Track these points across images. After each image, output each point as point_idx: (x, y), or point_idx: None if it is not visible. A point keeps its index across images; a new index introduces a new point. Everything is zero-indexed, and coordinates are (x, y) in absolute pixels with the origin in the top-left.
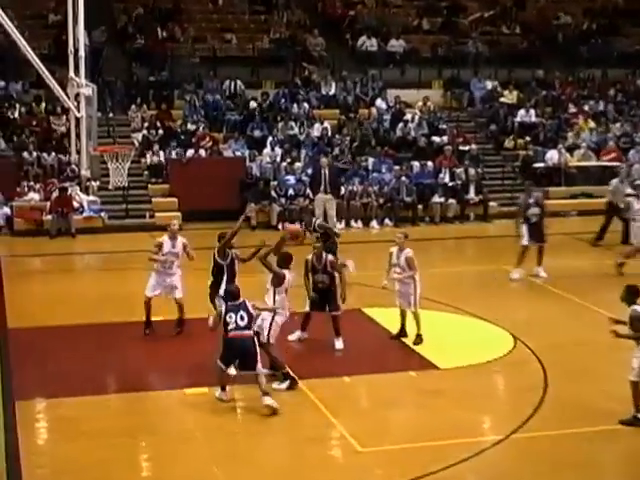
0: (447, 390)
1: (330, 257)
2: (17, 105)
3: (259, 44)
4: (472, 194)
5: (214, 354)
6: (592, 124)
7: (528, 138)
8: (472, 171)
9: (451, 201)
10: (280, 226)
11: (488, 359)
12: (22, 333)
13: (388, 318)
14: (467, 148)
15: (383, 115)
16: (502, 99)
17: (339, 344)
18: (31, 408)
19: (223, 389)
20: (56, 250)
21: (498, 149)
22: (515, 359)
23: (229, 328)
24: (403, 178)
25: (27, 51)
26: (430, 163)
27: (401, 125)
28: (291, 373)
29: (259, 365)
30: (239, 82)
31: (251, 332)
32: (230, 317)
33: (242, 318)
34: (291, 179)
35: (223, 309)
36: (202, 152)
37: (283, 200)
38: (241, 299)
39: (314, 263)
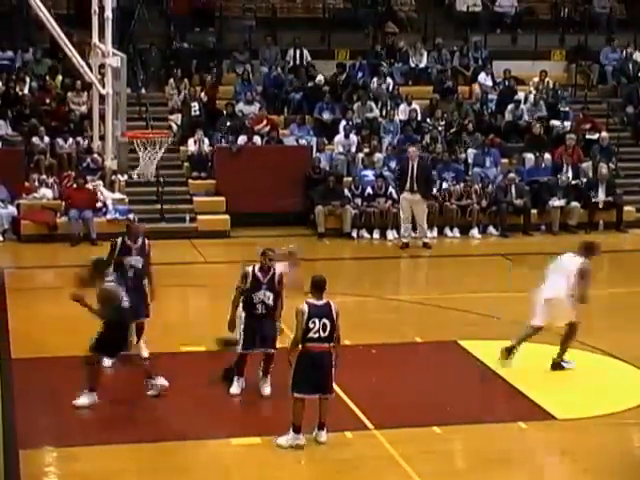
0: (568, 448)
1: (280, 267)
2: (27, 79)
3: (331, 3)
4: (602, 196)
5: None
6: None
7: None
8: (602, 166)
9: (574, 204)
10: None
11: (620, 409)
12: (29, 365)
13: (490, 353)
14: (596, 137)
15: (488, 94)
16: None
17: (267, 389)
18: (39, 459)
19: (298, 430)
20: (72, 261)
21: (637, 138)
22: None
23: (310, 337)
24: (512, 174)
25: (40, 11)
26: (548, 156)
27: (511, 107)
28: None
29: (333, 387)
30: (305, 51)
31: (330, 345)
32: (313, 323)
33: (325, 327)
34: (369, 174)
35: (305, 308)
36: (257, 139)
37: (359, 201)
38: (325, 299)
39: (257, 276)
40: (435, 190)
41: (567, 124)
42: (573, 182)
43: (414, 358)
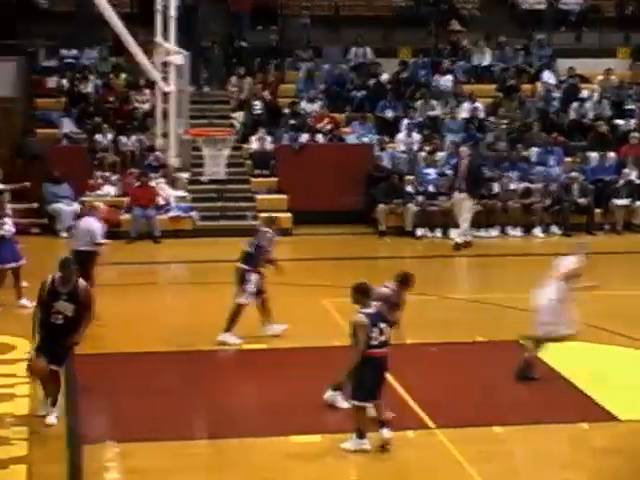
0: (632, 449)
1: (82, 281)
2: (91, 77)
3: (394, 1)
4: None
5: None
6: None
7: None
8: None
9: (638, 203)
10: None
11: None
12: (90, 361)
13: (555, 353)
14: None
15: (552, 92)
16: None
17: (52, 419)
18: (100, 455)
19: (362, 435)
20: (135, 258)
21: None
22: None
23: (372, 344)
24: (576, 173)
25: (105, 9)
26: (612, 154)
27: (575, 105)
28: None
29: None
30: (367, 49)
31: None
32: (372, 331)
33: (382, 332)
34: (432, 172)
35: (364, 319)
36: (319, 137)
37: (421, 199)
38: (374, 305)
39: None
40: (487, 190)
41: (632, 122)
42: (637, 181)
43: (475, 357)
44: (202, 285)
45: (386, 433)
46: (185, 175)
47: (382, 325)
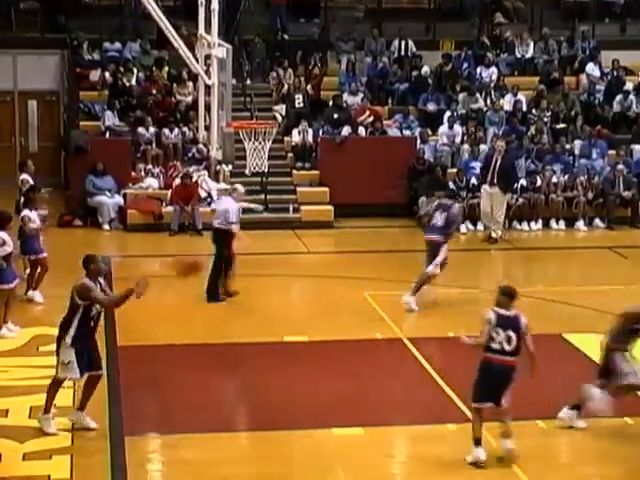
0: None
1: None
2: (134, 70)
3: None
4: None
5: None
6: None
7: None
8: None
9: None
10: None
11: None
12: (134, 352)
13: (593, 346)
14: None
15: (596, 84)
16: None
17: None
18: (144, 446)
19: (478, 443)
20: (178, 250)
21: None
22: None
23: (492, 347)
24: (620, 166)
25: (148, 3)
26: None
27: (620, 97)
28: None
29: (505, 399)
30: (410, 42)
31: (514, 359)
32: (497, 333)
33: (509, 340)
34: (475, 166)
35: (493, 317)
36: (361, 130)
37: (464, 193)
38: (514, 311)
39: None
40: (530, 183)
41: None
42: None
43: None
44: (245, 277)
45: (509, 444)
46: (227, 168)
47: (511, 333)
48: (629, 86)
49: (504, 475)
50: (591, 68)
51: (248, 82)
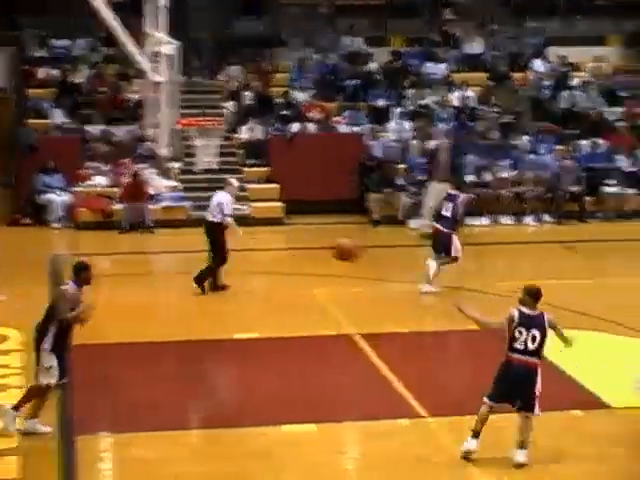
0: (625, 437)
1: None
2: (82, 67)
3: None
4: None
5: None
6: None
7: None
8: None
9: (630, 191)
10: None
11: None
12: (85, 351)
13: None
14: None
15: (543, 80)
16: None
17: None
18: (95, 445)
19: (475, 435)
20: (128, 248)
21: None
22: None
23: (515, 347)
24: (568, 161)
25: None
26: (603, 142)
27: (566, 93)
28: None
29: (537, 407)
30: (359, 38)
31: (537, 361)
32: (520, 332)
33: (534, 339)
34: (424, 161)
35: (516, 315)
36: (311, 126)
37: (414, 188)
38: (539, 310)
39: None
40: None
41: (623, 110)
42: (629, 169)
43: (467, 346)
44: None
45: (518, 455)
46: (176, 165)
47: (535, 332)
48: (576, 82)
49: (456, 472)
50: (538, 64)
51: (197, 79)
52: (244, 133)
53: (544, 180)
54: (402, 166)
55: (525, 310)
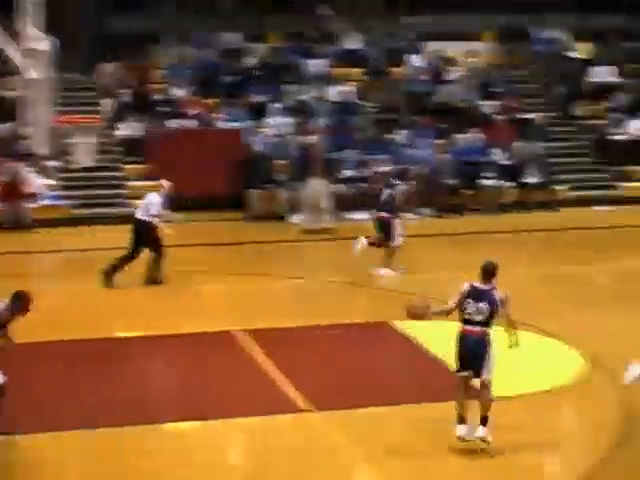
0: (502, 426)
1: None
2: None
3: None
4: (534, 175)
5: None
6: None
7: (606, 104)
8: (534, 146)
9: (507, 184)
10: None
11: (551, 387)
12: None
13: (425, 333)
14: (527, 116)
15: (420, 75)
16: (572, 54)
17: None
18: None
19: (461, 421)
20: (7, 247)
21: (568, 118)
22: (587, 387)
23: (464, 318)
24: (445, 155)
25: None
26: (480, 136)
27: (443, 87)
28: None
29: (485, 371)
30: (237, 34)
31: (485, 329)
32: (468, 304)
33: (481, 311)
34: (302, 157)
35: (467, 288)
36: (190, 123)
37: (294, 184)
38: (492, 284)
39: None
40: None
41: (498, 104)
42: (505, 162)
43: (348, 339)
44: (80, 274)
45: (479, 431)
46: (54, 163)
47: (482, 305)
48: (451, 76)
49: (335, 464)
50: (415, 59)
51: (72, 76)
52: (122, 130)
53: (423, 174)
54: (282, 162)
55: (476, 284)
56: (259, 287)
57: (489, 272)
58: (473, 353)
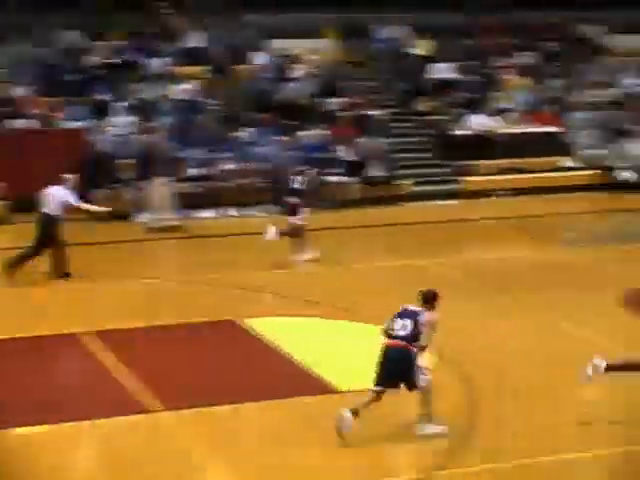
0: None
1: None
2: None
3: None
4: (378, 170)
5: None
6: (525, 81)
7: (447, 100)
8: (377, 142)
9: (351, 179)
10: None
11: None
12: None
13: (273, 330)
14: (370, 113)
15: (264, 72)
16: (413, 50)
17: None
18: None
19: (354, 413)
20: None
21: (409, 114)
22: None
23: (389, 334)
24: (290, 152)
25: None
26: (324, 132)
27: (287, 85)
28: None
29: (419, 380)
30: (79, 32)
31: (409, 345)
32: (395, 322)
33: (405, 327)
34: (145, 156)
35: (400, 309)
36: (31, 123)
37: (138, 183)
38: (422, 309)
39: None
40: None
41: (342, 101)
42: (349, 158)
43: (196, 338)
44: None
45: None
46: None
47: (407, 322)
48: (295, 74)
49: (180, 462)
50: (258, 57)
51: None
52: None
53: (268, 171)
54: (126, 161)
55: (410, 306)
56: (106, 288)
57: (427, 298)
58: (400, 368)
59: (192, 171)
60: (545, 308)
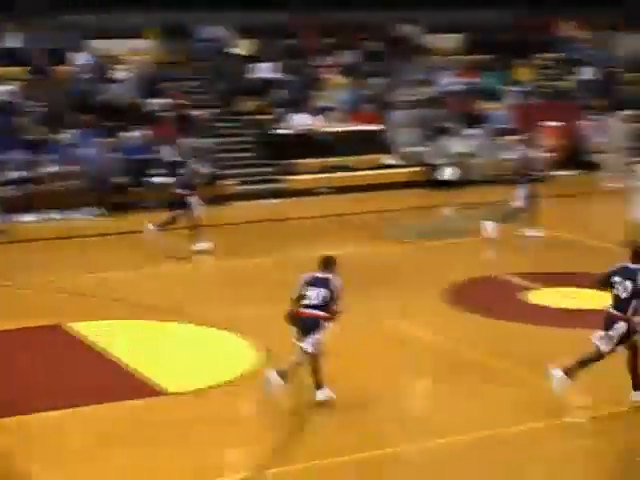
0: (179, 421)
1: None
2: None
3: None
4: (203, 169)
5: None
6: (346, 80)
7: (269, 99)
8: (200, 142)
9: (174, 181)
10: None
11: (228, 378)
12: None
13: (100, 333)
14: (193, 113)
15: (85, 74)
16: (235, 50)
17: None
18: None
19: (280, 375)
20: None
21: (232, 113)
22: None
23: (302, 303)
24: (113, 154)
25: None
26: (147, 133)
27: (108, 86)
28: None
29: (310, 340)
30: None
31: (321, 313)
32: (306, 290)
33: (318, 296)
34: None
35: (305, 277)
36: None
37: None
38: (330, 275)
39: None
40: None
41: (164, 101)
42: (172, 159)
43: (22, 344)
44: None
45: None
46: None
47: (320, 290)
48: (118, 75)
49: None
50: (79, 57)
51: None
52: None
53: (90, 173)
54: None
55: (316, 273)
56: None
57: (329, 263)
58: (309, 332)
59: (13, 174)
60: (368, 304)
